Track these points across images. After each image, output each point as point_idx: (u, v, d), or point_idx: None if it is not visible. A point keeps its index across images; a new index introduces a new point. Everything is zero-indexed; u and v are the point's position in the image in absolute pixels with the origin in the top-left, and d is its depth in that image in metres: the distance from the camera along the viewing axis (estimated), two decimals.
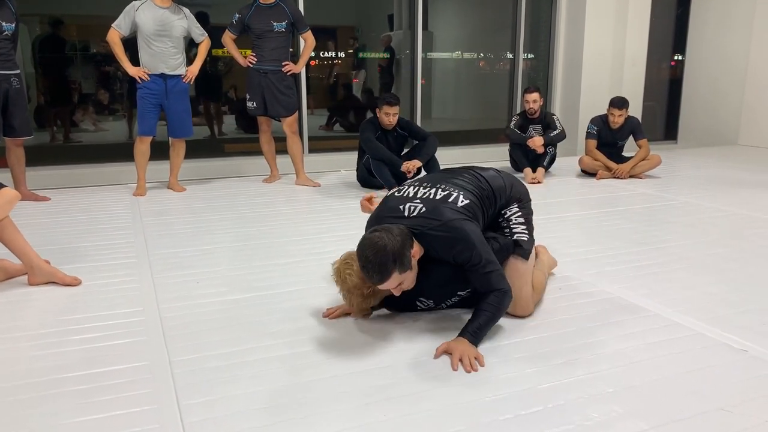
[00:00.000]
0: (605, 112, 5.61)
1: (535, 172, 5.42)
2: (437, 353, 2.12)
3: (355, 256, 2.20)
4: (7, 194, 2.71)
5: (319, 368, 2.05)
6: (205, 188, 5.18)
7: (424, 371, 2.03)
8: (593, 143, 5.61)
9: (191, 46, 5.30)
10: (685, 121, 8.48)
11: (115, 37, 4.59)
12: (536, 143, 5.48)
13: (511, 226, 2.49)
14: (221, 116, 6.76)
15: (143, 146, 4.81)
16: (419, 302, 2.43)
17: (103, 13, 5.34)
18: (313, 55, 5.93)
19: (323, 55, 7.09)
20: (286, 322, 2.42)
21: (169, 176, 5.09)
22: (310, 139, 6.52)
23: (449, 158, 5.66)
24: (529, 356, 2.13)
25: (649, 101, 7.93)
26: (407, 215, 2.26)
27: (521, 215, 2.51)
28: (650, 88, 7.88)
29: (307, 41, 5.19)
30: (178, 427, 1.71)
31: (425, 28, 7.00)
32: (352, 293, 2.30)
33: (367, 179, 5.11)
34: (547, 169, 5.63)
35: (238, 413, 1.77)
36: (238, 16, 5.02)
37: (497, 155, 6.54)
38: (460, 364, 2.04)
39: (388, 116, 4.90)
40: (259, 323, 2.41)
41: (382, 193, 3.45)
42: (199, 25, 4.88)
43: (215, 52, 6.07)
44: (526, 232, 2.49)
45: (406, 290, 2.22)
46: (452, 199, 2.30)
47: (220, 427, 1.71)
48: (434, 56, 7.43)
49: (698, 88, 8.28)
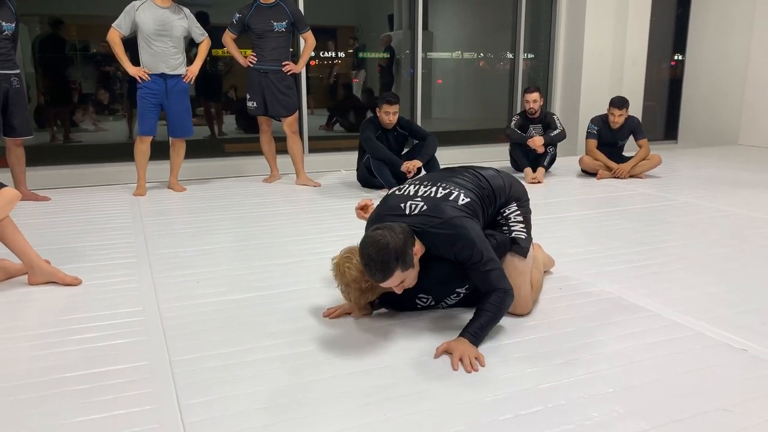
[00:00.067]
0: (605, 111, 5.61)
1: (535, 171, 5.42)
2: (437, 353, 2.12)
3: (355, 250, 2.21)
4: (7, 194, 2.71)
5: (319, 368, 2.05)
6: (205, 188, 5.18)
7: (424, 371, 2.03)
8: (593, 143, 5.61)
9: (191, 46, 5.30)
10: (685, 121, 8.48)
11: (115, 36, 4.59)
12: (536, 143, 5.48)
13: (509, 224, 2.50)
14: (221, 116, 6.77)
15: (143, 146, 4.81)
16: (419, 300, 2.44)
17: (103, 13, 5.34)
18: (313, 55, 5.93)
19: (323, 55, 7.09)
20: (286, 322, 2.43)
21: (169, 176, 5.09)
22: (310, 139, 6.52)
23: (449, 158, 5.66)
24: (529, 356, 2.13)
25: (649, 101, 7.92)
26: (408, 213, 2.27)
27: (520, 214, 2.53)
28: (650, 88, 7.88)
29: (307, 41, 5.20)
30: (178, 427, 1.71)
31: (425, 28, 7.00)
32: (350, 287, 2.30)
33: (367, 179, 5.11)
34: (547, 168, 5.63)
35: (238, 413, 1.77)
36: (238, 15, 5.02)
37: (497, 155, 6.53)
38: (460, 364, 2.04)
39: (388, 115, 4.90)
40: (259, 323, 2.41)
41: (382, 193, 3.45)
42: (199, 24, 4.88)
43: (215, 52, 6.07)
44: (524, 230, 2.51)
45: (406, 288, 2.23)
46: (453, 197, 2.31)
47: (220, 426, 1.71)
48: (434, 56, 7.43)
49: (698, 88, 8.28)
